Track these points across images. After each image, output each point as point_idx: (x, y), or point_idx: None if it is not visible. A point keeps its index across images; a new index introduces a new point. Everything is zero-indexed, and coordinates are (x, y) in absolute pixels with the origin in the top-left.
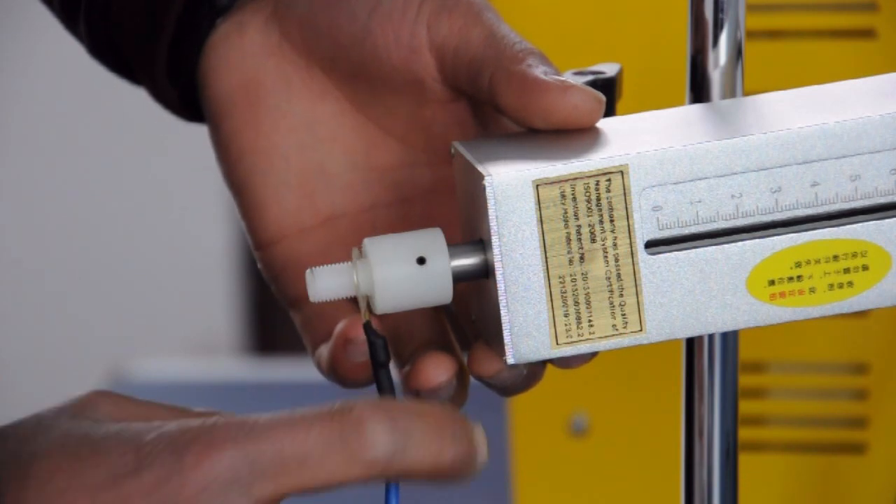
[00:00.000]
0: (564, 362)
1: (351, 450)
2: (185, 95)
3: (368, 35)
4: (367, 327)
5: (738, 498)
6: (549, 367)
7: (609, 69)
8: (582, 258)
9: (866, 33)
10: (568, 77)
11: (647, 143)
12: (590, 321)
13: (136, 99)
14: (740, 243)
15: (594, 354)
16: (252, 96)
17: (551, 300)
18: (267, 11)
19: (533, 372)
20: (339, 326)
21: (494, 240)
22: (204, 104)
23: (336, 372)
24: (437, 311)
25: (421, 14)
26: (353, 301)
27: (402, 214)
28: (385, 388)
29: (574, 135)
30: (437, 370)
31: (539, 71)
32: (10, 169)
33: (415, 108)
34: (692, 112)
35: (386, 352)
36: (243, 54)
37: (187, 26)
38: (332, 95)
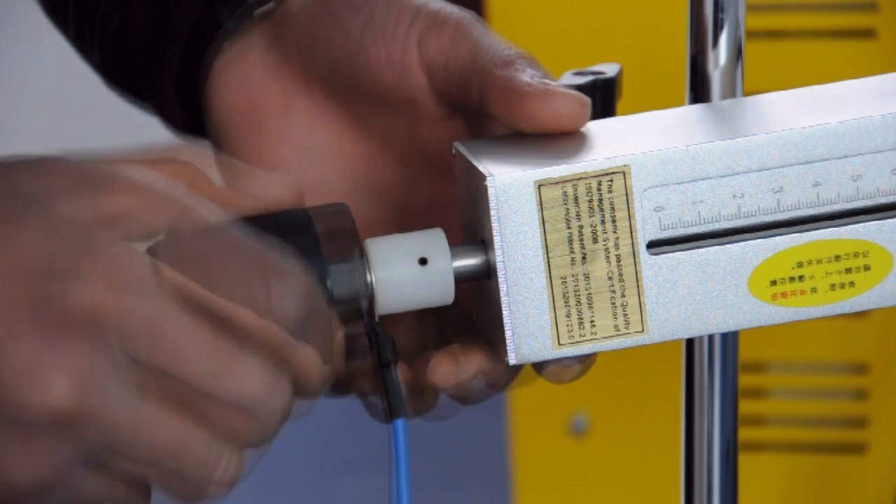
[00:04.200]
0: (556, 377)
1: (224, 369)
2: (195, 120)
3: (361, 52)
4: (374, 327)
5: (738, 498)
6: None
7: (609, 69)
8: (584, 259)
9: (866, 33)
10: (567, 77)
11: (649, 143)
12: (592, 322)
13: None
14: (742, 243)
15: (587, 367)
16: (253, 119)
17: (553, 301)
18: (270, 34)
19: (493, 383)
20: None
21: (496, 240)
22: (207, 127)
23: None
24: (421, 318)
25: (412, 32)
26: None
27: (402, 231)
28: (390, 388)
29: (575, 135)
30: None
31: (524, 76)
32: None
33: (411, 127)
34: (693, 112)
35: (394, 352)
36: (245, 77)
37: (194, 50)
38: (331, 117)
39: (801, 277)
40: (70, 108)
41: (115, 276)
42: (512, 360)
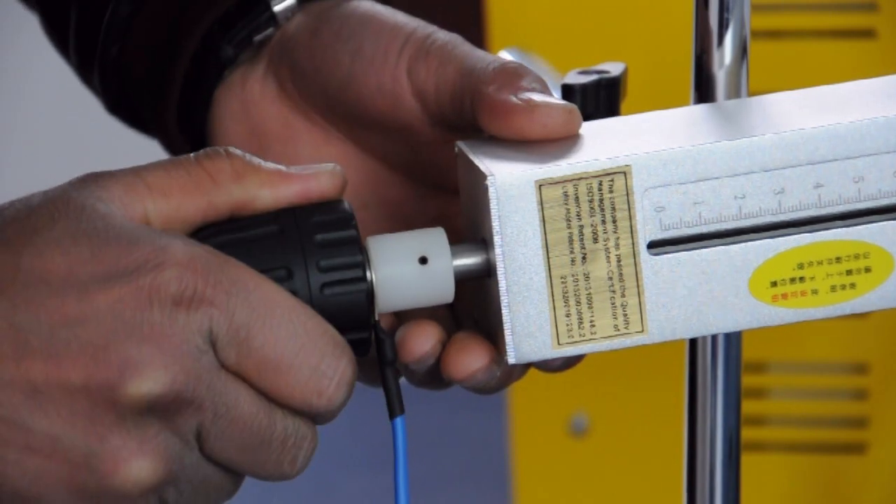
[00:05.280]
0: (544, 365)
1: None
2: (196, 147)
3: (352, 82)
4: (375, 326)
5: (741, 497)
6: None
7: (614, 68)
8: (584, 258)
9: (867, 33)
10: (572, 76)
11: (651, 143)
12: (591, 321)
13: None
14: (743, 244)
15: (580, 357)
16: (257, 143)
17: (553, 300)
18: (265, 61)
19: (508, 374)
20: None
21: (496, 239)
22: None
23: None
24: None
25: (401, 60)
26: None
27: None
28: (391, 385)
29: (577, 135)
30: (420, 339)
31: (508, 93)
32: (12, 173)
33: (411, 150)
34: (696, 112)
35: (393, 350)
36: (245, 104)
37: (195, 78)
38: (335, 138)
39: (801, 279)
40: (70, 109)
41: (170, 347)
42: (511, 359)
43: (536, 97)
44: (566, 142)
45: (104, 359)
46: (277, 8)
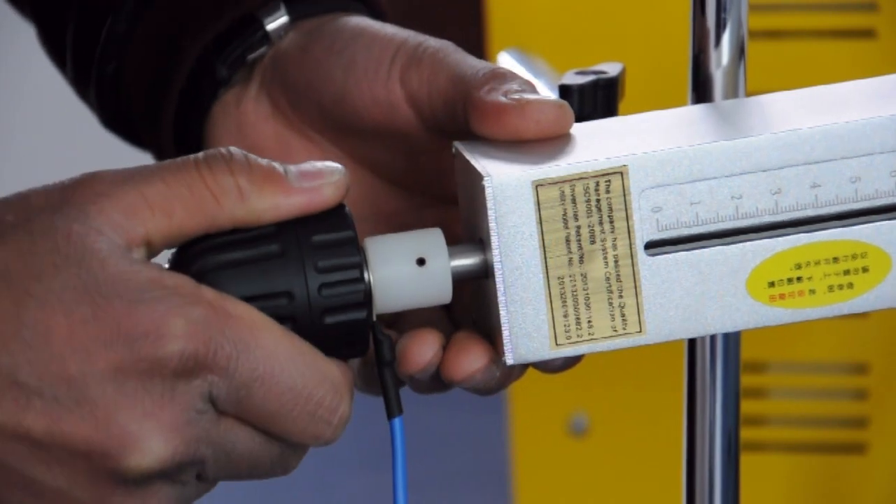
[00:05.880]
0: (543, 365)
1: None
2: None
3: (346, 96)
4: (373, 327)
5: (740, 497)
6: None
7: (611, 69)
8: (581, 259)
9: (866, 33)
10: (569, 77)
11: (648, 143)
12: (589, 322)
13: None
14: (740, 245)
15: (575, 359)
16: None
17: (550, 301)
18: (258, 80)
19: (506, 374)
20: None
21: (494, 240)
22: None
23: None
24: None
25: (393, 70)
26: None
27: None
28: (389, 386)
29: (575, 135)
30: (422, 348)
31: (499, 94)
32: (11, 173)
33: (408, 158)
34: (693, 112)
35: (391, 351)
36: (240, 124)
37: (191, 97)
38: (330, 153)
39: (799, 279)
40: (70, 109)
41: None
42: (509, 360)
43: (527, 96)
44: (563, 142)
45: (105, 430)
46: (270, 27)
